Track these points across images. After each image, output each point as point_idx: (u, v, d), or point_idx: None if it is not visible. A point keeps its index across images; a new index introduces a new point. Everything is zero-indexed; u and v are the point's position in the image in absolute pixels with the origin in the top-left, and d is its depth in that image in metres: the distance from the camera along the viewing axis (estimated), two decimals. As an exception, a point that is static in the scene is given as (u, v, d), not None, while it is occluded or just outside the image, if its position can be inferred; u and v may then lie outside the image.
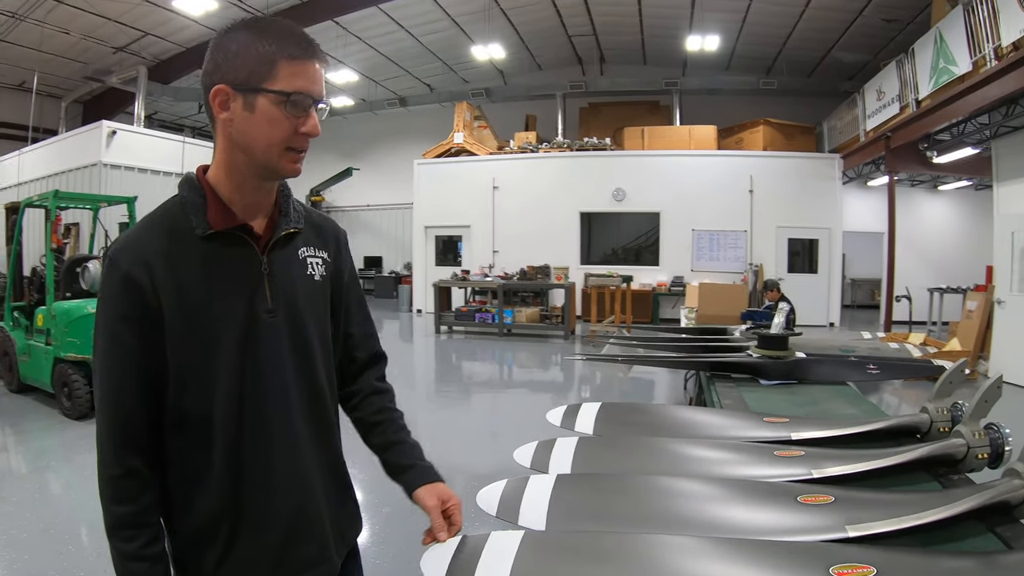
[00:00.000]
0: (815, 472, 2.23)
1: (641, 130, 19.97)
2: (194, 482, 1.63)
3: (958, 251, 18.86)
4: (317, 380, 1.77)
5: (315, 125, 1.61)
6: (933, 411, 2.60)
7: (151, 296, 1.55)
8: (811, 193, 18.54)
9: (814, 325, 17.84)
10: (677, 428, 2.85)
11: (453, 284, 16.98)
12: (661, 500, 2.05)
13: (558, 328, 16.23)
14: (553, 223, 19.49)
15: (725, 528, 1.88)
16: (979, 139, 12.70)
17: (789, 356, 3.98)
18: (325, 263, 1.82)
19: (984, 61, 10.40)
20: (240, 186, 1.65)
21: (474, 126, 21.16)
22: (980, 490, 1.94)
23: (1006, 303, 11.52)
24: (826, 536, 1.80)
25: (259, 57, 1.54)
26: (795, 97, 21.21)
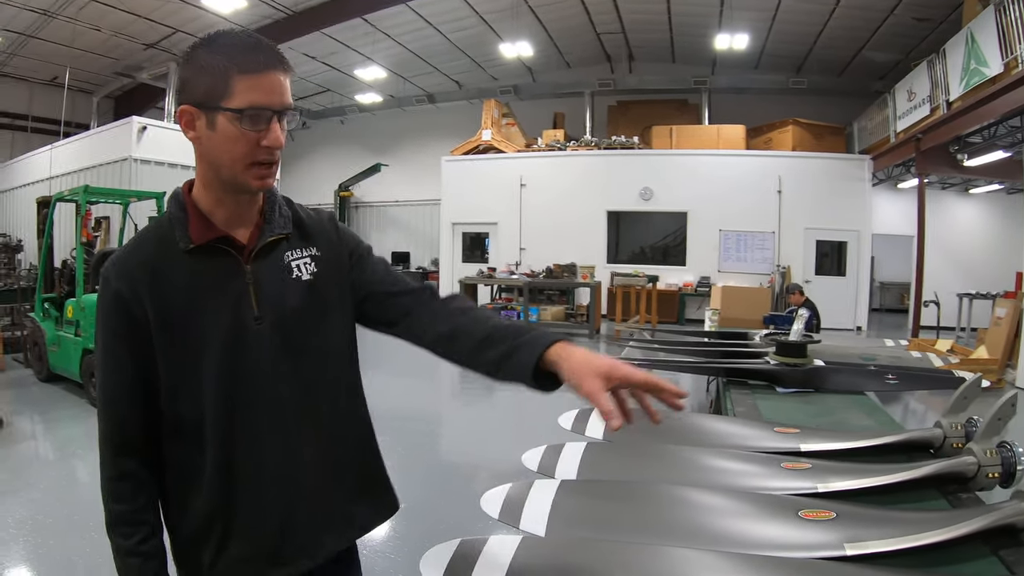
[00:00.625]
0: (820, 486, 2.22)
1: (669, 129, 19.89)
2: (189, 483, 1.69)
3: (988, 256, 18.55)
4: (317, 381, 1.78)
5: (276, 137, 1.61)
6: (947, 426, 2.56)
7: (138, 311, 1.62)
8: (840, 195, 18.34)
9: (841, 329, 17.69)
10: (687, 435, 2.83)
11: (479, 281, 16.98)
12: (661, 510, 2.05)
13: (583, 327, 16.18)
14: (580, 221, 19.45)
15: (724, 541, 1.87)
16: (1011, 142, 12.49)
17: (807, 364, 3.95)
18: (315, 259, 1.81)
19: (1016, 63, 10.24)
20: (219, 200, 1.69)
21: (502, 123, 21.18)
22: (987, 511, 1.91)
23: (1036, 311, 11.27)
24: (823, 553, 1.78)
25: (214, 74, 1.56)
26: (825, 97, 20.97)
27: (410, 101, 24.91)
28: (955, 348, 12.24)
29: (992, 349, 11.81)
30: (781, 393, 3.81)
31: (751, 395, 3.74)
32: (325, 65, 22.36)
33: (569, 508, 1.99)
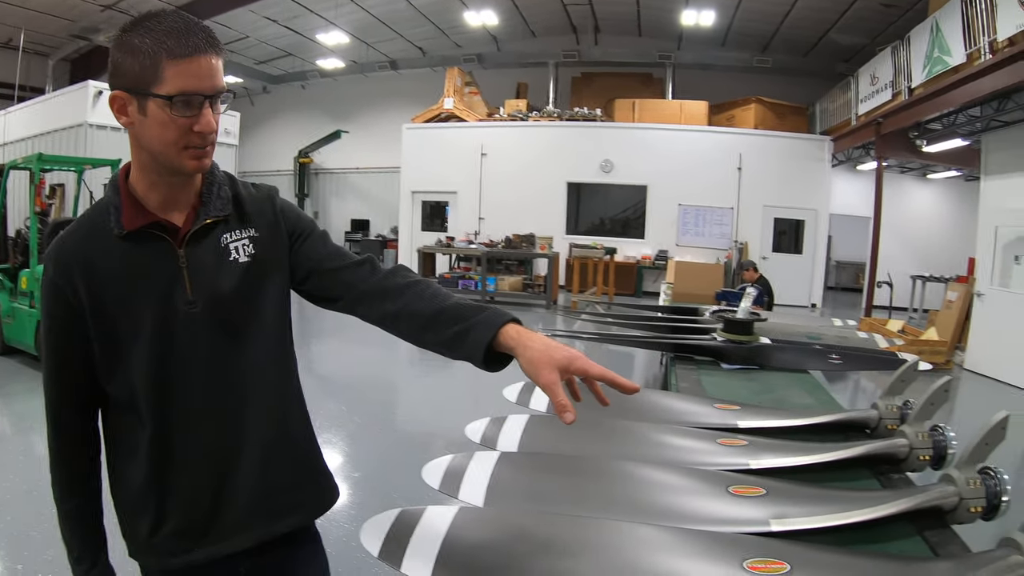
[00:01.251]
0: (753, 463, 2.24)
1: (632, 102, 19.94)
2: (128, 458, 1.72)
3: (943, 240, 18.91)
4: (254, 364, 1.77)
5: (208, 123, 1.58)
6: (883, 408, 2.58)
7: (72, 299, 1.62)
8: (800, 174, 18.58)
9: (796, 306, 18.00)
10: (629, 410, 2.81)
11: (437, 250, 16.95)
12: (597, 482, 2.07)
13: (540, 297, 16.23)
14: (540, 192, 19.47)
15: (653, 513, 1.88)
16: (970, 131, 12.64)
17: (753, 341, 3.96)
18: (253, 240, 1.78)
19: (979, 54, 10.37)
20: (154, 184, 1.67)
21: (464, 92, 21.01)
22: (914, 493, 1.93)
23: (985, 296, 11.60)
24: (749, 529, 1.80)
25: (143, 59, 1.52)
26: (789, 77, 21.06)
27: (373, 67, 24.60)
28: (906, 328, 12.55)
29: (942, 331, 12.08)
30: (726, 369, 3.83)
31: (696, 371, 3.76)
32: (286, 29, 21.98)
33: (507, 479, 1.98)
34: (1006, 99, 10.69)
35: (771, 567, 1.60)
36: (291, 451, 1.88)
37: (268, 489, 1.80)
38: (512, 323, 1.61)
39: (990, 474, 1.92)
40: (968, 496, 1.88)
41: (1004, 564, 1.57)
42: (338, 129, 25.40)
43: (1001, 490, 1.88)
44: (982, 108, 11.51)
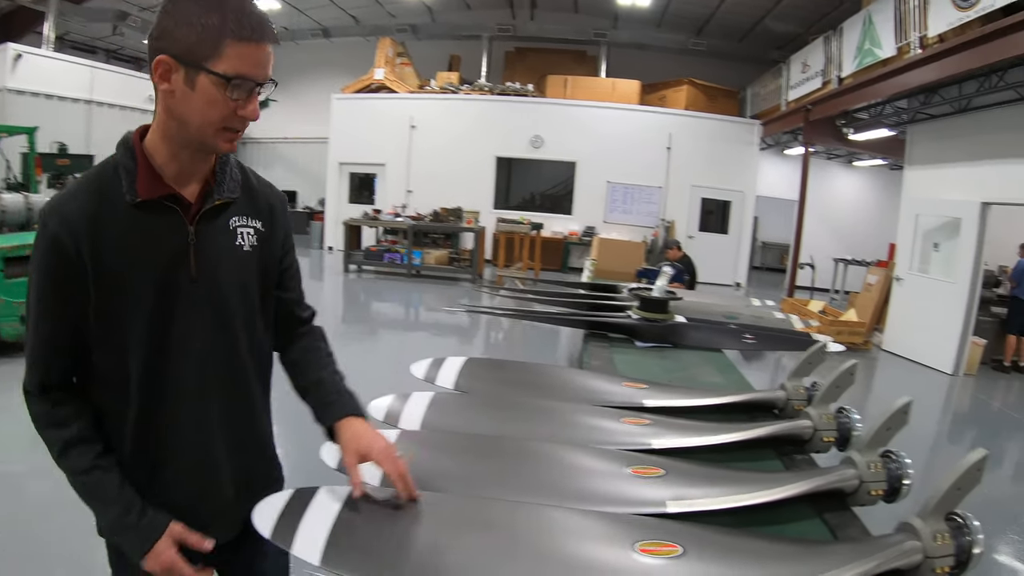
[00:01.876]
0: (655, 442, 2.22)
1: (565, 79, 19.87)
2: (115, 431, 1.68)
3: (866, 226, 19.35)
4: (238, 352, 1.79)
5: (255, 110, 1.59)
6: (790, 388, 2.60)
7: (75, 260, 1.56)
8: (728, 156, 18.78)
9: (721, 284, 18.23)
10: (535, 387, 2.82)
11: (363, 223, 16.75)
12: (493, 461, 2.04)
13: (466, 271, 16.20)
14: (469, 166, 19.34)
15: (550, 494, 1.86)
16: (896, 122, 12.90)
17: (668, 320, 3.93)
18: (257, 232, 1.80)
19: (908, 48, 10.56)
20: (175, 155, 1.64)
21: (396, 63, 20.71)
22: (815, 475, 1.95)
23: (904, 280, 11.96)
24: (646, 510, 1.79)
25: (205, 32, 1.49)
26: (722, 60, 21.21)
27: (304, 35, 24.07)
28: (827, 309, 12.80)
29: (861, 313, 12.38)
30: (640, 347, 3.79)
31: (609, 348, 3.73)
32: (215, -10, 21.31)
33: None
34: (933, 93, 10.96)
35: (663, 549, 1.59)
36: (261, 440, 1.95)
37: (242, 480, 1.84)
38: (349, 416, 1.83)
39: (892, 457, 1.93)
40: (869, 479, 1.90)
41: (899, 549, 1.58)
42: (267, 98, 24.67)
43: (903, 473, 1.90)
44: (909, 100, 11.75)
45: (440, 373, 2.82)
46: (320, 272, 17.16)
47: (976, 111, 10.70)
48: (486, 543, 1.62)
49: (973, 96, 10.20)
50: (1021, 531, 5.33)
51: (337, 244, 18.80)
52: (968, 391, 10.03)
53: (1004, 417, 9.00)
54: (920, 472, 6.25)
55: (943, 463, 6.92)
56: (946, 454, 7.38)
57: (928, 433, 7.95)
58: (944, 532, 1.56)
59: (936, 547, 1.55)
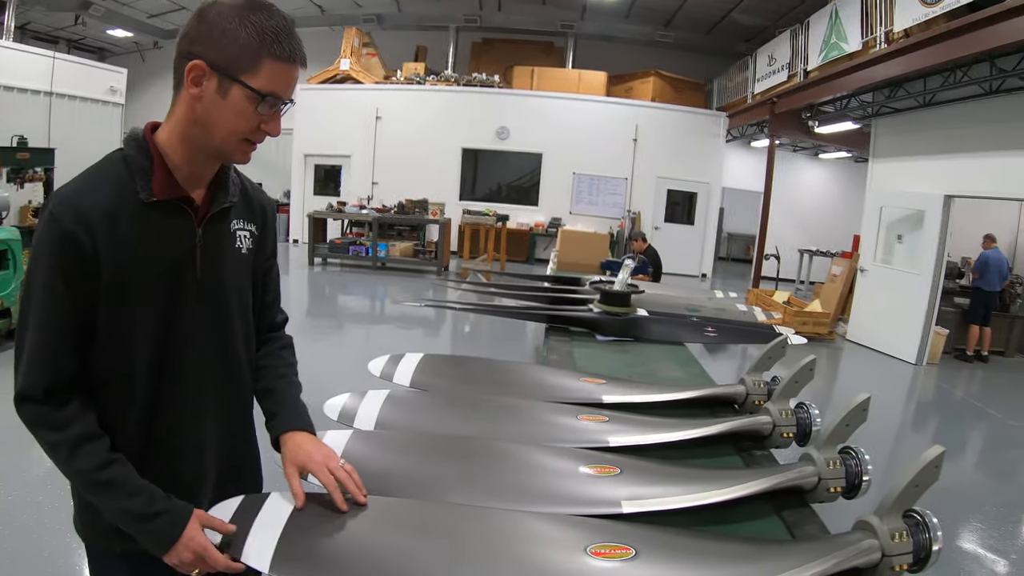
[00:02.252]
0: (612, 440, 2.20)
1: (532, 70, 19.82)
2: (113, 430, 1.64)
3: (831, 217, 19.58)
4: (234, 353, 1.83)
5: (278, 127, 1.64)
6: (750, 383, 2.58)
7: (90, 255, 1.54)
8: (694, 147, 18.85)
9: (687, 275, 18.33)
10: (491, 383, 2.79)
11: (328, 215, 16.57)
12: (447, 462, 2.01)
13: (431, 263, 16.12)
14: (435, 157, 19.26)
15: (503, 495, 1.83)
16: (861, 115, 13.02)
17: (629, 313, 3.90)
18: (252, 236, 1.85)
19: (874, 43, 10.65)
20: (191, 158, 1.66)
21: (362, 53, 20.54)
22: (773, 473, 1.93)
23: (868, 272, 12.07)
24: (600, 510, 1.76)
25: (245, 46, 1.53)
26: (690, 53, 21.17)
27: (269, 24, 23.83)
28: (792, 300, 12.87)
29: (826, 303, 12.48)
30: (601, 341, 3.76)
31: (569, 342, 3.70)
32: (178, -20, 21.09)
33: (357, 461, 1.88)
34: (898, 87, 11.12)
35: (615, 552, 1.56)
36: (249, 434, 1.98)
37: (237, 479, 1.89)
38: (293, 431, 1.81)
39: (851, 454, 1.91)
40: (827, 476, 1.89)
41: (857, 548, 1.57)
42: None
43: (862, 470, 1.88)
44: (874, 94, 11.92)
45: (397, 370, 2.78)
46: (285, 265, 16.97)
47: (940, 105, 10.81)
48: (434, 549, 1.59)
49: (937, 91, 10.33)
50: (984, 520, 5.37)
51: (303, 237, 18.62)
52: (932, 380, 10.14)
53: (967, 406, 9.11)
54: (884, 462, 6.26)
55: (907, 453, 6.97)
56: (909, 444, 7.44)
57: (892, 423, 8.00)
58: (902, 530, 1.55)
59: (894, 545, 1.54)
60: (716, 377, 3.17)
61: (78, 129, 16.70)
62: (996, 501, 5.76)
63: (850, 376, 10.50)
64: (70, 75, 17.10)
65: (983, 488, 6.16)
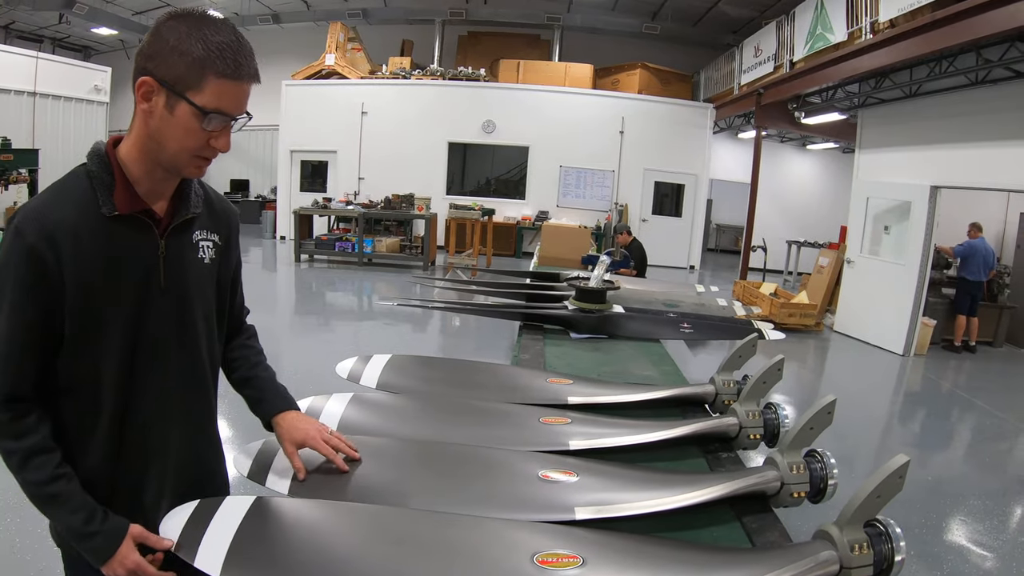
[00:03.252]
0: (573, 443, 2.17)
1: (517, 63, 19.76)
2: (82, 441, 1.70)
3: (818, 208, 19.51)
4: (199, 356, 1.84)
5: (227, 143, 1.65)
6: (720, 383, 2.54)
7: (54, 270, 1.58)
8: (681, 139, 18.79)
9: (675, 267, 18.31)
10: (456, 385, 2.77)
11: (314, 212, 16.50)
12: (403, 467, 2.00)
13: (417, 259, 16.09)
14: (421, 152, 19.20)
15: (454, 499, 1.83)
16: (848, 106, 12.98)
17: (605, 310, 3.84)
18: (216, 246, 1.86)
19: (860, 33, 10.60)
20: (150, 172, 1.68)
21: (347, 48, 20.44)
22: (735, 477, 1.89)
23: (855, 263, 12.03)
24: (553, 517, 1.73)
25: (190, 63, 1.54)
26: (676, 45, 21.13)
27: (254, 20, 23.54)
28: (779, 291, 12.84)
29: (813, 295, 12.44)
30: (574, 339, 3.70)
31: (542, 341, 3.66)
32: (164, -24, 20.92)
33: (314, 465, 1.91)
34: (884, 78, 11.03)
35: (562, 560, 1.53)
36: (214, 436, 2.00)
37: (204, 483, 1.90)
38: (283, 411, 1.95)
39: (816, 457, 1.84)
40: (790, 481, 1.85)
41: (814, 559, 1.54)
42: (239, 119, 24.35)
43: (827, 474, 1.83)
44: (860, 85, 11.83)
45: (364, 372, 2.77)
46: (272, 262, 16.95)
47: (926, 96, 10.78)
48: (378, 553, 1.58)
49: (924, 81, 10.27)
50: (969, 512, 5.34)
51: (289, 234, 18.49)
52: (919, 371, 10.11)
53: (953, 397, 9.07)
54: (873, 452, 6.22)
55: (892, 446, 6.93)
56: (895, 437, 7.40)
57: (877, 415, 7.98)
58: (863, 541, 1.51)
59: (853, 557, 1.50)
60: (699, 375, 3.11)
61: (63, 129, 16.68)
62: (981, 493, 5.72)
63: (837, 368, 10.51)
64: (54, 74, 17.06)
65: (968, 480, 6.11)
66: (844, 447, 6.34)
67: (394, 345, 9.54)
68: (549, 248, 8.28)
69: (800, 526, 1.79)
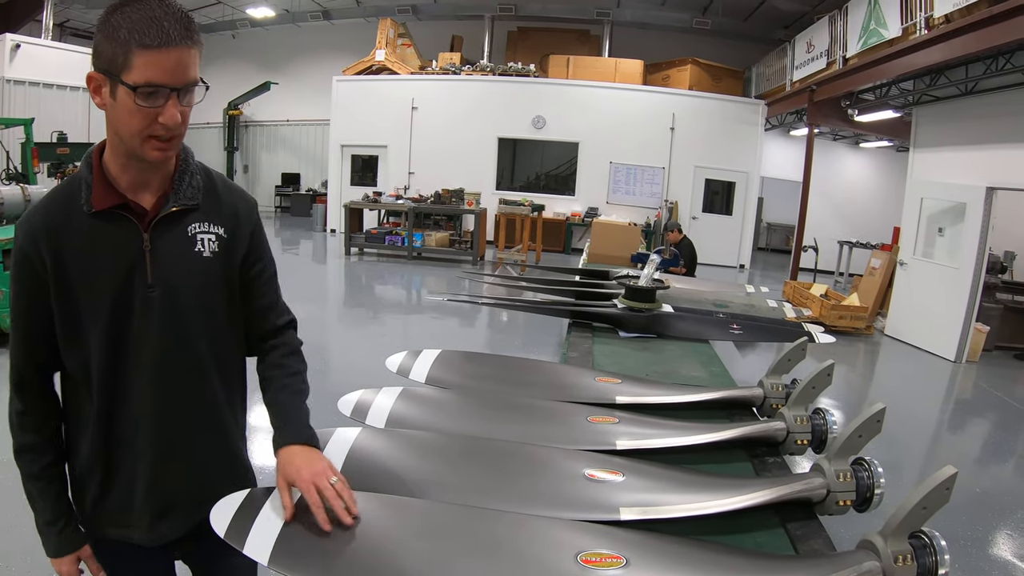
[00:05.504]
0: (620, 443, 2.16)
1: (567, 59, 19.70)
2: (79, 430, 1.81)
3: (872, 208, 19.08)
4: (197, 353, 1.84)
5: (172, 115, 1.61)
6: (768, 387, 2.52)
7: (39, 267, 1.68)
8: (732, 136, 18.60)
9: (725, 266, 18.15)
10: (504, 381, 2.77)
11: (364, 206, 16.66)
12: (451, 462, 2.01)
13: (467, 253, 16.17)
14: (471, 147, 19.27)
15: (500, 496, 1.83)
16: (902, 103, 12.71)
17: (654, 309, 3.83)
18: (219, 239, 1.84)
19: (914, 29, 10.35)
20: (125, 166, 1.71)
21: (397, 44, 20.55)
22: (781, 483, 1.88)
23: (908, 265, 11.72)
24: (597, 516, 1.73)
25: (117, 45, 1.55)
26: (727, 39, 20.91)
27: (304, 17, 23.82)
28: (829, 293, 12.65)
29: (864, 297, 12.22)
30: (623, 338, 3.70)
31: (591, 339, 3.66)
32: (215, -26, 21.23)
33: (363, 458, 1.93)
34: (938, 75, 10.76)
35: (606, 560, 1.54)
36: (221, 443, 1.97)
37: (199, 478, 1.89)
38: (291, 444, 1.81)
39: (864, 465, 1.83)
40: (837, 489, 1.84)
41: (856, 569, 1.53)
42: (268, 80, 24.65)
43: (874, 483, 1.82)
44: (915, 82, 11.57)
45: (414, 366, 2.77)
46: (323, 255, 17.14)
47: (983, 94, 10.50)
48: (424, 548, 1.59)
49: (980, 78, 10.02)
50: (1016, 527, 5.22)
51: (340, 227, 18.65)
52: (970, 379, 9.85)
53: (1004, 406, 8.75)
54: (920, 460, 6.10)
55: (942, 452, 6.82)
56: (945, 443, 7.27)
57: (929, 421, 7.85)
58: (907, 552, 1.50)
59: (897, 568, 1.49)
60: (747, 376, 3.09)
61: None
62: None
63: (886, 372, 10.30)
64: (108, 70, 17.33)
65: (1017, 494, 5.94)
66: (892, 453, 6.24)
67: (442, 339, 9.62)
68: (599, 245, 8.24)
69: (844, 534, 1.78)
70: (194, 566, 2.10)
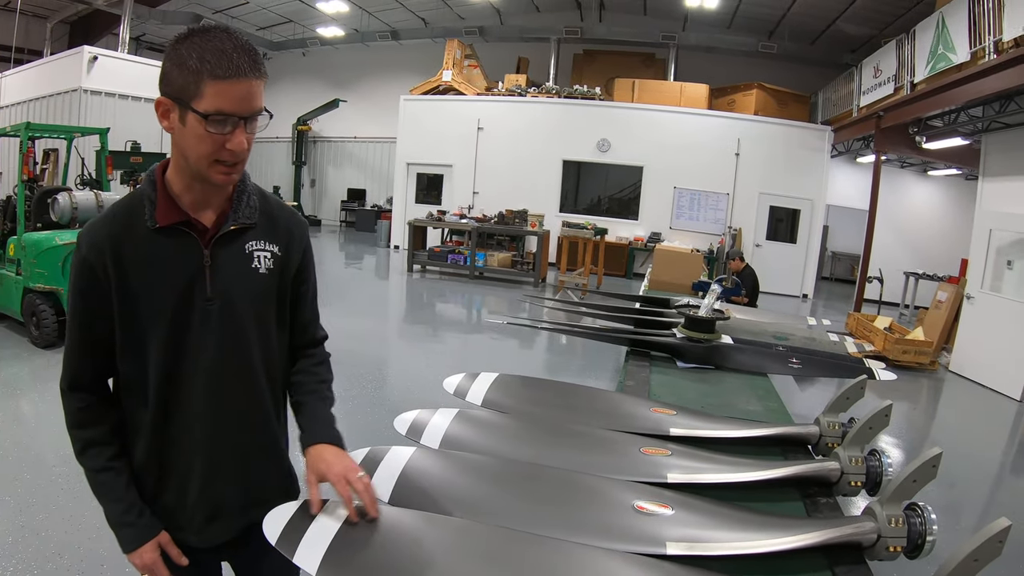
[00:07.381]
0: (671, 476, 2.16)
1: (632, 82, 19.70)
2: (133, 435, 1.90)
3: (940, 238, 18.58)
4: (251, 365, 1.93)
5: (239, 143, 1.70)
6: (824, 425, 2.49)
7: (101, 277, 1.75)
8: (798, 163, 18.39)
9: (788, 295, 17.89)
10: (559, 408, 2.79)
11: (427, 224, 16.86)
12: (502, 486, 2.03)
13: (529, 275, 16.19)
14: (535, 168, 19.35)
15: (548, 523, 1.85)
16: (971, 130, 12.40)
17: (713, 340, 3.81)
18: (274, 256, 1.95)
19: (983, 53, 10.11)
20: (189, 186, 1.80)
21: (464, 65, 20.78)
22: (831, 526, 1.85)
23: (975, 299, 11.33)
24: (644, 549, 1.74)
25: (188, 74, 1.62)
26: (793, 64, 20.79)
27: (373, 36, 24.30)
28: (893, 326, 12.39)
29: (929, 332, 11.92)
30: (680, 368, 3.68)
31: (648, 368, 3.64)
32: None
33: (417, 478, 1.97)
34: (1008, 101, 10.49)
35: None
36: (270, 447, 2.07)
37: (250, 482, 2.00)
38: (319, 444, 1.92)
39: (917, 511, 1.80)
40: (888, 535, 1.80)
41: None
42: (336, 98, 25.28)
43: (926, 529, 1.79)
44: (984, 108, 11.29)
45: (471, 389, 2.81)
46: (385, 271, 17.35)
47: (1055, 122, 10.19)
48: (469, 568, 1.62)
49: (1052, 106, 9.74)
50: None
51: (404, 244, 18.81)
52: (1035, 421, 9.47)
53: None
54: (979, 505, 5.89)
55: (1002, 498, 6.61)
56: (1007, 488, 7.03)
57: (990, 464, 7.61)
58: None
59: None
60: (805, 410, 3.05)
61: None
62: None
63: (949, 410, 10.00)
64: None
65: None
66: (949, 496, 6.10)
67: (500, 361, 9.68)
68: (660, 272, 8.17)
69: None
70: (238, 567, 2.18)
